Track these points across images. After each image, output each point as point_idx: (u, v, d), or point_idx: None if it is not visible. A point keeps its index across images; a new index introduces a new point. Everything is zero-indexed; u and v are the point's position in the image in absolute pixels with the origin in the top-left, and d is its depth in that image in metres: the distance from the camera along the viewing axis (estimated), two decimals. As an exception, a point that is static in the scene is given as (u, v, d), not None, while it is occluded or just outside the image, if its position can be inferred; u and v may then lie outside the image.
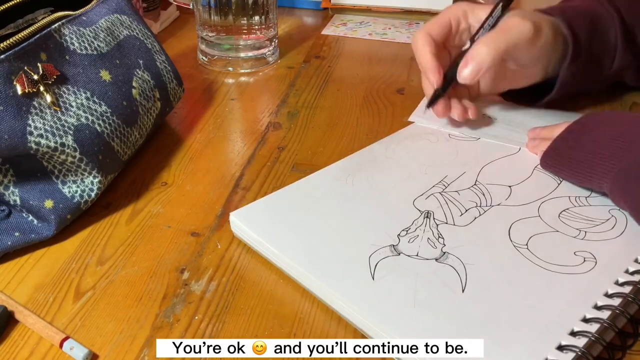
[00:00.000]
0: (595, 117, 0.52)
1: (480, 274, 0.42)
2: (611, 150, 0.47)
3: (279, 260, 0.44)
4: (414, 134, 0.60)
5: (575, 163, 0.50)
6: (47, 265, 0.46)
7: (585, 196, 0.50)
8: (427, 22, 0.60)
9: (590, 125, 0.51)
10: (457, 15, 0.59)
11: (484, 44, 0.55)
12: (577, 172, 0.50)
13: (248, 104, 0.69)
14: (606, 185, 0.47)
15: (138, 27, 0.58)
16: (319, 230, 0.46)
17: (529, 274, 0.42)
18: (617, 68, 0.62)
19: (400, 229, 0.46)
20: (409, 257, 0.43)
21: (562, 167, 0.51)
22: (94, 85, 0.50)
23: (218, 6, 0.73)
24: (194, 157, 0.59)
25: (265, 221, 0.47)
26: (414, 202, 0.49)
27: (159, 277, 0.45)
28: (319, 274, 0.42)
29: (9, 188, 0.47)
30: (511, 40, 0.55)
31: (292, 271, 0.44)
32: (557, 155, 0.52)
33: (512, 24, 0.55)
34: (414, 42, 0.59)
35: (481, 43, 0.55)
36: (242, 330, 0.40)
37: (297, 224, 0.47)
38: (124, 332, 0.40)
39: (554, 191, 0.51)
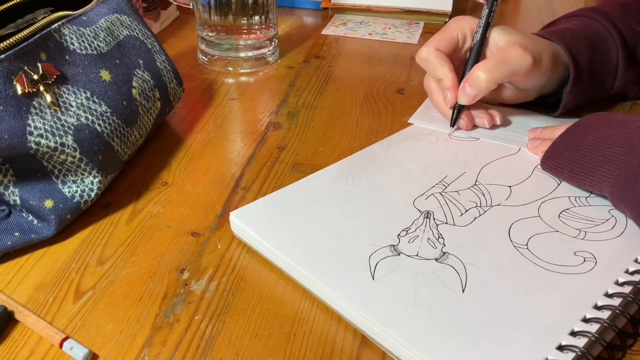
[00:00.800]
0: (596, 118, 0.52)
1: (480, 274, 0.42)
2: (612, 154, 0.47)
3: (279, 260, 0.44)
4: (414, 134, 0.60)
5: (576, 165, 0.50)
6: (47, 265, 0.46)
7: (585, 196, 0.50)
8: (433, 37, 0.60)
9: (591, 127, 0.51)
10: (464, 31, 0.60)
11: (483, 70, 0.56)
12: (578, 175, 0.50)
13: (248, 104, 0.69)
14: (606, 189, 0.47)
15: (138, 27, 0.58)
16: (319, 230, 0.46)
17: (529, 274, 0.42)
18: (620, 86, 0.63)
19: (400, 229, 0.46)
20: (409, 257, 0.43)
21: (562, 169, 0.51)
22: (94, 85, 0.50)
23: (218, 6, 0.73)
24: (194, 157, 0.59)
25: (265, 221, 0.47)
26: (414, 202, 0.49)
27: (159, 277, 0.45)
28: (319, 274, 0.42)
29: (9, 188, 0.47)
30: (510, 71, 0.56)
31: (292, 271, 0.44)
32: (557, 157, 0.52)
33: (513, 54, 0.56)
34: (424, 57, 0.59)
35: (480, 69, 0.56)
36: (242, 330, 0.40)
37: (297, 224, 0.47)
38: (124, 332, 0.40)
39: (554, 191, 0.51)
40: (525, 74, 0.56)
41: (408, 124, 0.62)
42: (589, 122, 0.52)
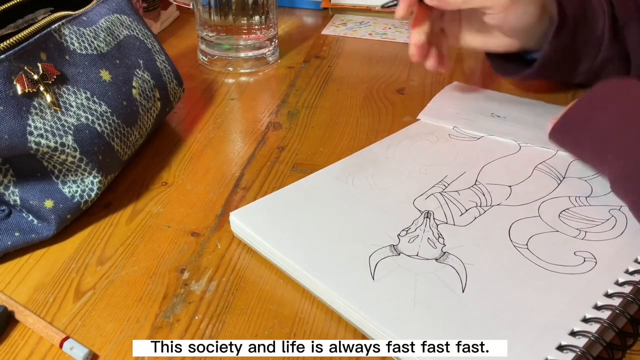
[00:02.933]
0: (610, 87, 0.51)
1: (480, 274, 0.42)
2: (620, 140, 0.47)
3: (279, 260, 0.44)
4: (414, 134, 0.60)
5: (583, 141, 0.50)
6: (47, 265, 0.46)
7: (585, 196, 0.50)
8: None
9: (604, 100, 0.50)
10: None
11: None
12: (583, 152, 0.51)
13: (248, 104, 0.69)
14: (609, 176, 0.48)
15: (138, 27, 0.58)
16: (319, 230, 0.46)
17: (529, 274, 0.42)
18: (602, 60, 0.62)
19: (400, 229, 0.46)
20: (409, 257, 0.43)
21: (568, 143, 0.52)
22: (94, 85, 0.50)
23: (218, 6, 0.73)
24: (194, 157, 0.59)
25: (265, 221, 0.47)
26: (414, 202, 0.49)
27: (159, 277, 0.45)
28: (318, 274, 0.42)
29: (9, 188, 0.47)
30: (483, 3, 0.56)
31: (292, 271, 0.44)
32: (565, 130, 0.52)
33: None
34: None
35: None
36: (242, 330, 0.40)
37: (297, 223, 0.47)
38: (124, 332, 0.40)
39: (554, 191, 0.51)
40: (501, 8, 0.56)
41: (408, 123, 0.62)
42: (603, 91, 0.51)
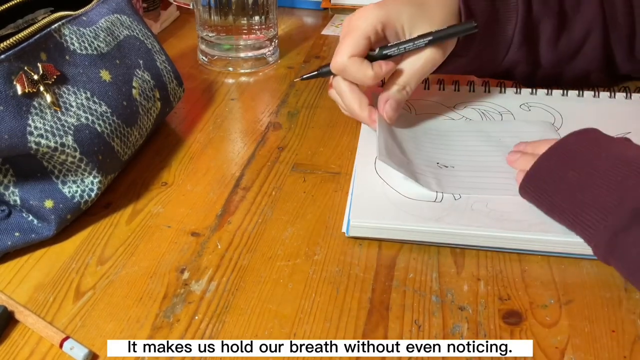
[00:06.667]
0: (585, 137, 0.47)
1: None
2: (599, 199, 0.42)
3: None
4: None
5: (558, 200, 0.45)
6: (47, 265, 0.46)
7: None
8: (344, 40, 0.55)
9: (578, 152, 0.46)
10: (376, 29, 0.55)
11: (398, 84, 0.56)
12: (560, 212, 0.45)
13: (248, 104, 0.69)
14: (592, 240, 0.43)
15: (138, 27, 0.58)
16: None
17: None
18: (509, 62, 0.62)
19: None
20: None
21: (542, 200, 0.46)
22: (94, 85, 0.50)
23: (218, 6, 0.73)
24: (194, 157, 0.59)
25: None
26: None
27: (159, 277, 0.45)
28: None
29: (9, 188, 0.47)
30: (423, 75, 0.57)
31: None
32: (538, 185, 0.47)
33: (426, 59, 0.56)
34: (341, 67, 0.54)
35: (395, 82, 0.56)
36: (242, 330, 0.40)
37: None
38: (124, 332, 0.40)
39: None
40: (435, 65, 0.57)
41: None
42: (576, 143, 0.47)
